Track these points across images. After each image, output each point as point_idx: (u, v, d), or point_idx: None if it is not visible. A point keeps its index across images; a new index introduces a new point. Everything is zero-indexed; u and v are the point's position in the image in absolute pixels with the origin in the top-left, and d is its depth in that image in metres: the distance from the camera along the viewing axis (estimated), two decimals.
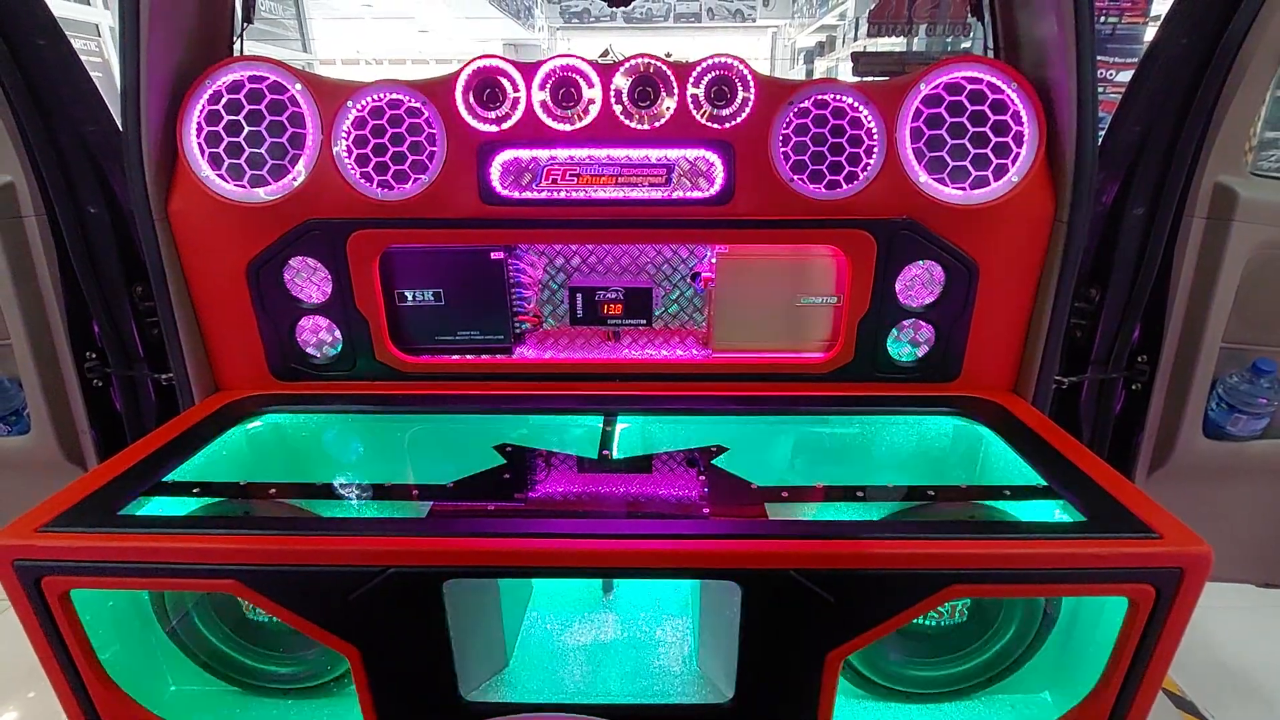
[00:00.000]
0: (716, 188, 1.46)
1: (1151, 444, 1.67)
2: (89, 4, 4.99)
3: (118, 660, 1.19)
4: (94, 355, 1.65)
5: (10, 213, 1.50)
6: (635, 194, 1.47)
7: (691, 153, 1.45)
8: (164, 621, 1.30)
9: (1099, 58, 1.44)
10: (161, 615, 1.29)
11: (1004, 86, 1.41)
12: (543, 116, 1.44)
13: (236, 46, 1.61)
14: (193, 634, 1.31)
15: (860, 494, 1.26)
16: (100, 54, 4.99)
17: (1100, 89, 1.41)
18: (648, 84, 1.42)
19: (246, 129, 1.43)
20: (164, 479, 1.25)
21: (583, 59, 1.43)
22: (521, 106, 1.43)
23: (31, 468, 1.69)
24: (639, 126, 1.44)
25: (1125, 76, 5.04)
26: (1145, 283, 1.55)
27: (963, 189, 1.42)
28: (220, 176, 1.44)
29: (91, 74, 1.54)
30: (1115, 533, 1.05)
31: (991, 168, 1.41)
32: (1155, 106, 1.47)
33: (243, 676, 1.33)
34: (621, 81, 1.43)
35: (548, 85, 1.43)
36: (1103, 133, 1.45)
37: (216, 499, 1.24)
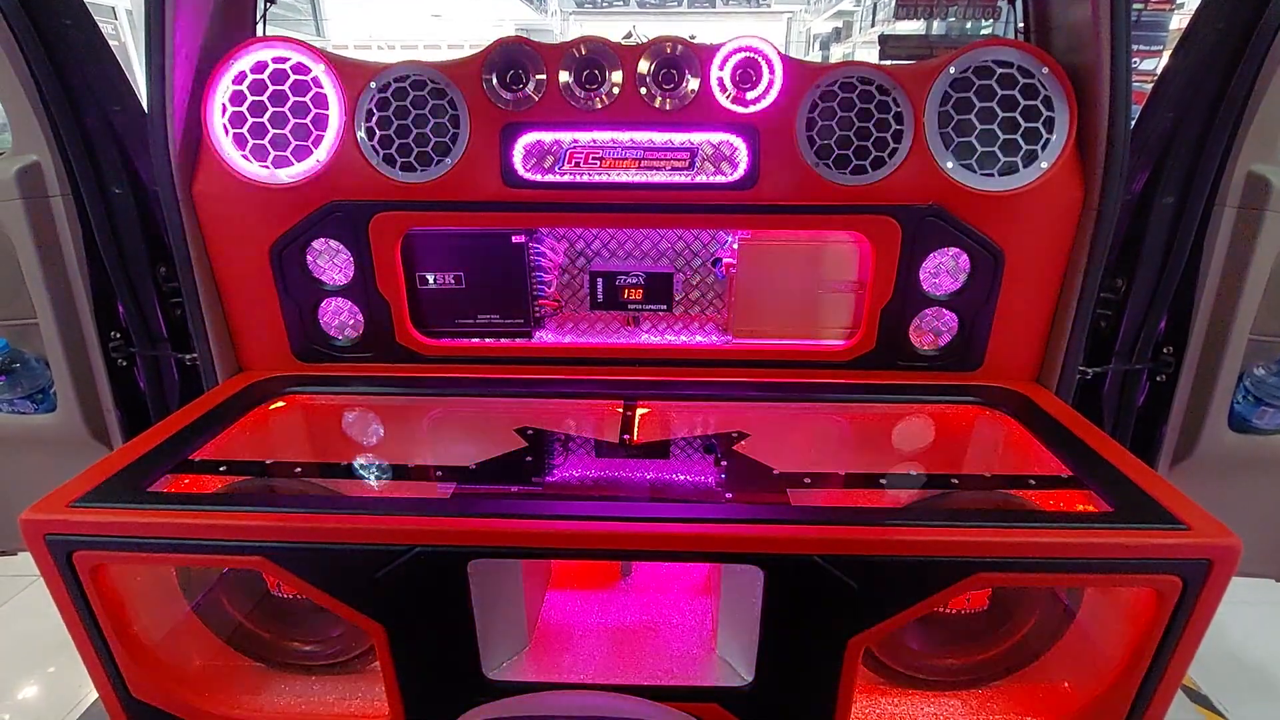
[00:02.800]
0: (740, 172, 1.44)
1: (1175, 436, 1.65)
2: None
3: (145, 634, 1.21)
4: (118, 335, 1.67)
5: (37, 192, 1.51)
6: (658, 178, 1.46)
7: (715, 136, 1.44)
8: (190, 597, 1.32)
9: None
10: (187, 590, 1.31)
11: (1035, 71, 1.38)
12: (566, 98, 1.43)
13: (259, 28, 1.61)
14: (217, 610, 1.34)
15: (883, 481, 1.25)
16: (117, 37, 5.00)
17: None
18: (672, 66, 1.41)
19: (270, 110, 1.43)
20: (190, 457, 1.26)
21: (607, 41, 1.42)
22: (545, 88, 1.42)
23: (58, 445, 1.71)
24: (663, 109, 1.43)
25: (1150, 65, 4.95)
26: (1173, 273, 1.53)
27: (991, 175, 1.40)
28: (244, 157, 1.44)
29: None
30: (1142, 523, 1.04)
31: (1021, 154, 1.39)
32: (1188, 93, 1.44)
33: (267, 652, 1.35)
34: (646, 63, 1.41)
35: (572, 67, 1.42)
36: (1133, 120, 1.43)
37: (242, 477, 1.26)
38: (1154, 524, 1.04)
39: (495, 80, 1.42)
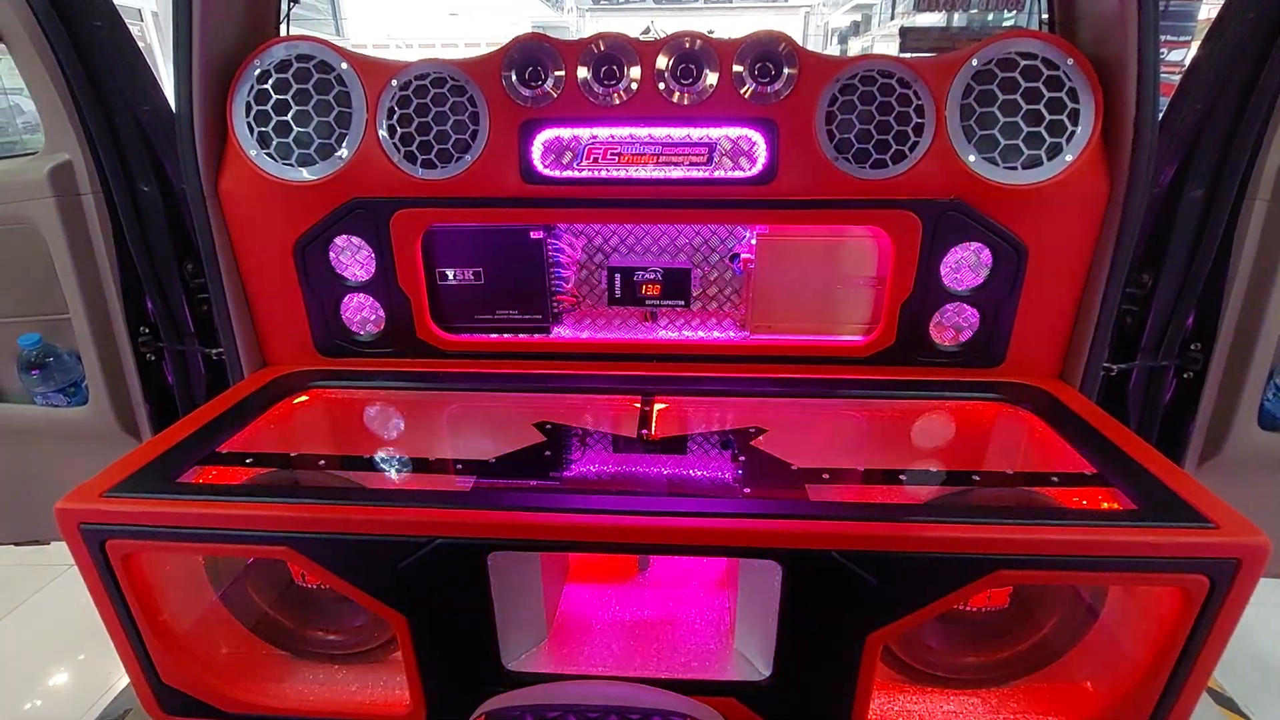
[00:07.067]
0: (759, 167, 1.44)
1: (1203, 434, 1.62)
2: None
3: (174, 621, 1.24)
4: (147, 330, 1.71)
5: (69, 190, 1.55)
6: (676, 173, 1.46)
7: (734, 131, 1.44)
8: (216, 585, 1.35)
9: None
10: (214, 579, 1.34)
11: (1060, 63, 1.36)
12: (585, 94, 1.43)
13: (283, 28, 1.63)
14: (243, 598, 1.36)
15: (903, 477, 1.24)
16: (144, 38, 5.09)
17: None
18: (691, 60, 1.40)
19: (294, 108, 1.45)
20: (218, 449, 1.29)
21: (625, 36, 1.42)
22: (563, 85, 1.43)
23: (89, 437, 1.76)
24: (681, 104, 1.43)
25: (1178, 55, 4.84)
26: (1201, 267, 1.50)
27: (1014, 169, 1.39)
28: (268, 156, 1.46)
29: None
30: (1169, 521, 1.02)
31: (1045, 147, 1.37)
32: (1218, 85, 1.41)
33: (291, 641, 1.37)
34: (664, 58, 1.41)
35: (590, 63, 1.42)
36: (1161, 112, 1.40)
37: (268, 469, 1.28)
38: (1181, 522, 1.02)
39: (514, 77, 1.43)
